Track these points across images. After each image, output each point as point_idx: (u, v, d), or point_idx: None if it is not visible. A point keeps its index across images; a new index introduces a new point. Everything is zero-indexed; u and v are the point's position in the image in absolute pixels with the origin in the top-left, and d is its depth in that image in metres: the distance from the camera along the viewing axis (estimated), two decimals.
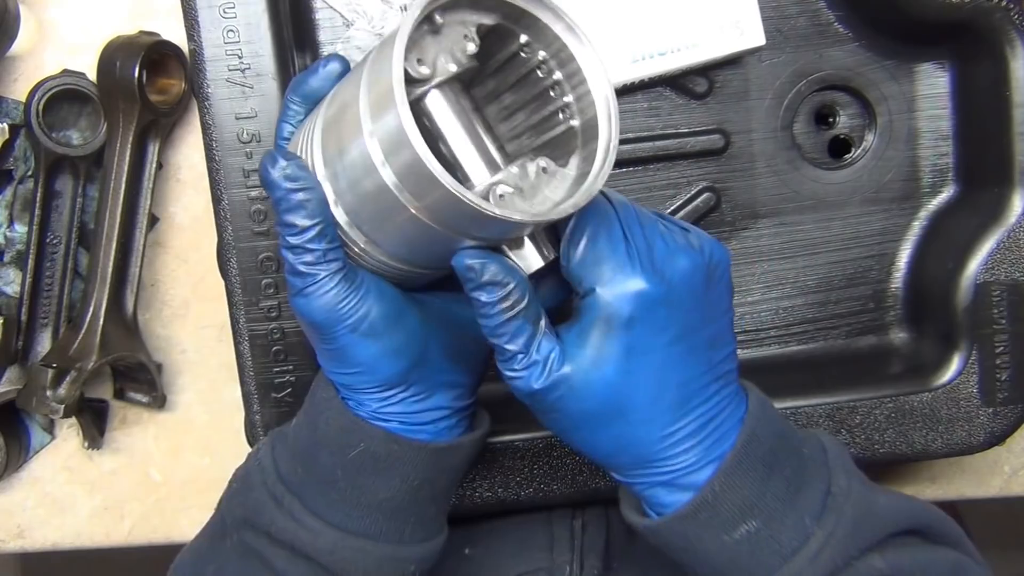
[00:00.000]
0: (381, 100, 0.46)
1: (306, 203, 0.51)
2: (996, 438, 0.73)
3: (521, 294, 0.51)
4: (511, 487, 0.72)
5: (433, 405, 0.56)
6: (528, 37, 0.52)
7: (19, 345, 0.80)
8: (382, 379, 0.54)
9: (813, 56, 0.76)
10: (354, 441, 0.54)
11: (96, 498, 0.85)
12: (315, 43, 0.75)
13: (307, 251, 0.51)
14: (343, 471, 0.55)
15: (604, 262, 0.51)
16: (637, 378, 0.51)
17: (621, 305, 0.50)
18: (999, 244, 0.71)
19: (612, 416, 0.52)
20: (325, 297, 0.52)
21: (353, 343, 0.53)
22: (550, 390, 0.51)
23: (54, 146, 0.76)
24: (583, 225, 0.51)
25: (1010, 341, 0.72)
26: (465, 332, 0.57)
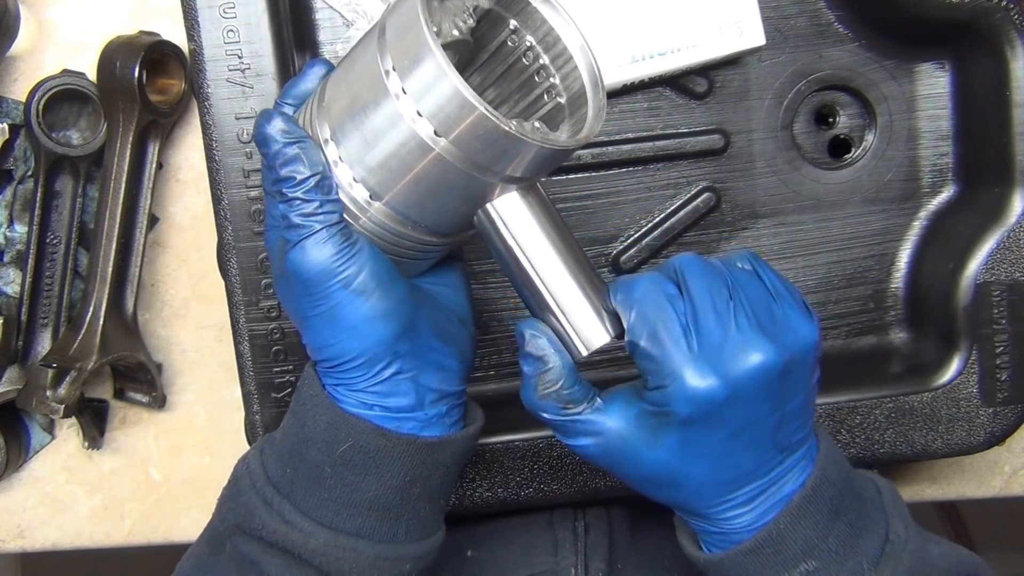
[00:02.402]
0: (406, 40, 0.47)
1: (303, 154, 0.51)
2: (996, 438, 0.73)
3: (558, 377, 0.52)
4: (511, 487, 0.72)
5: (422, 385, 0.55)
6: (517, 23, 0.54)
7: (19, 345, 0.80)
8: (371, 345, 0.53)
9: (813, 56, 0.76)
10: (342, 437, 0.54)
11: (96, 498, 0.85)
12: (315, 43, 0.75)
13: (305, 202, 0.51)
14: (332, 468, 0.54)
15: (666, 360, 0.50)
16: (691, 465, 0.52)
17: (679, 406, 0.50)
18: (999, 244, 0.72)
19: (664, 485, 0.54)
20: (320, 248, 0.51)
21: (345, 301, 0.52)
22: (601, 457, 0.54)
23: (54, 146, 0.76)
24: (645, 317, 0.50)
25: (1010, 341, 0.72)
26: (451, 314, 0.57)
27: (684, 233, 0.78)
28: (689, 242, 0.78)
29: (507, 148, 0.48)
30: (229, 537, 0.56)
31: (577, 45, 0.54)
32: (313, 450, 0.54)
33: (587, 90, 0.53)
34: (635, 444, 0.52)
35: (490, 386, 0.78)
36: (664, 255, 0.78)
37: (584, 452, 0.54)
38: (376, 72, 0.49)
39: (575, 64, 0.54)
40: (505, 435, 0.71)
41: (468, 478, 0.71)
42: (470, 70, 0.57)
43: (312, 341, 0.55)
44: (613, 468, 0.54)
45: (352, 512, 0.54)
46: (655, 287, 0.51)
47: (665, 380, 0.50)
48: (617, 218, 0.77)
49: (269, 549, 0.54)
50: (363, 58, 0.50)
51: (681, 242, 0.78)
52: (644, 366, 0.51)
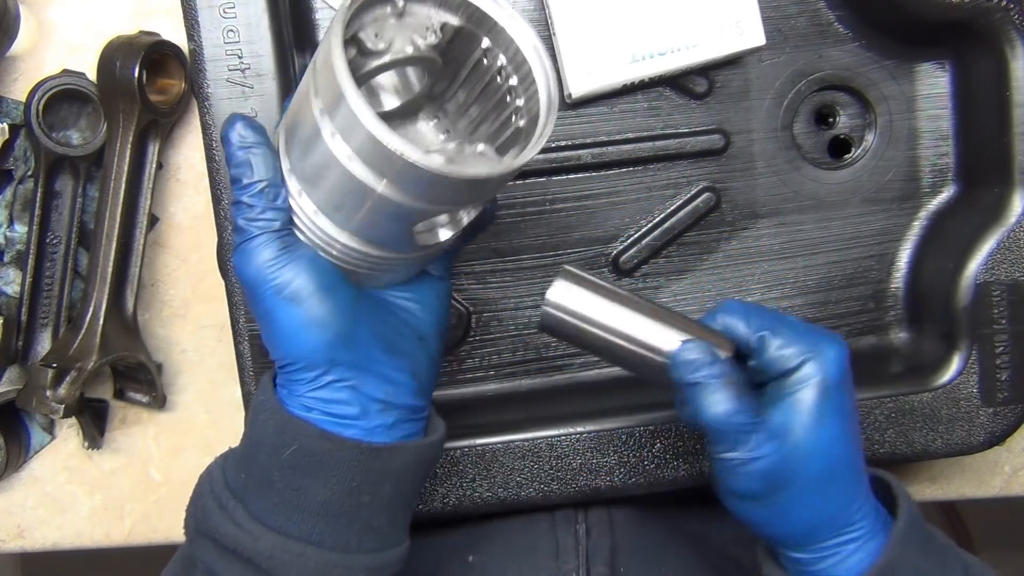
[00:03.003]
0: (328, 79, 0.48)
1: (253, 160, 0.53)
2: (996, 438, 0.73)
3: (740, 378, 0.55)
4: (511, 487, 0.72)
5: (364, 394, 0.55)
6: (490, 42, 0.54)
7: (19, 345, 0.80)
8: (305, 351, 0.54)
9: (813, 56, 0.76)
10: (288, 440, 0.54)
11: (96, 498, 0.85)
12: (315, 43, 0.75)
13: (248, 207, 0.53)
14: (280, 472, 0.54)
15: (801, 339, 0.55)
16: (848, 437, 0.56)
17: (832, 368, 0.55)
18: (999, 244, 0.72)
19: (832, 478, 0.55)
20: (257, 253, 0.53)
21: (278, 306, 0.53)
22: (786, 461, 0.54)
23: (54, 146, 0.76)
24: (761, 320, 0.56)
25: (1010, 341, 0.72)
26: (406, 329, 0.58)
27: (684, 233, 0.78)
28: (689, 242, 0.78)
29: (434, 182, 0.48)
30: (190, 541, 0.57)
31: (540, 68, 0.53)
32: (262, 454, 0.55)
33: (540, 116, 0.53)
34: (807, 430, 0.54)
35: (490, 386, 0.78)
36: (664, 255, 0.78)
37: (757, 470, 0.54)
38: (311, 111, 0.50)
39: (536, 90, 0.53)
40: (505, 435, 0.71)
41: (468, 478, 0.71)
42: (453, 87, 0.58)
43: (263, 338, 0.56)
44: (785, 478, 0.54)
45: (301, 517, 0.54)
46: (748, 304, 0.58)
47: (805, 355, 0.55)
48: (617, 218, 0.77)
49: (223, 553, 0.55)
50: (303, 91, 0.51)
51: (681, 242, 0.78)
52: (779, 353, 0.55)
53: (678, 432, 0.72)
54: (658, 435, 0.72)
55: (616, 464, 0.72)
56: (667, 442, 0.72)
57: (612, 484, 0.72)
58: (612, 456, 0.72)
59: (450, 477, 0.71)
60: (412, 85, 0.58)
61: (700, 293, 0.79)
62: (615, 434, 0.72)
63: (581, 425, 0.72)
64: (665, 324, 0.56)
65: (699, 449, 0.72)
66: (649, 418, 0.72)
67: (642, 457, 0.72)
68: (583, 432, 0.72)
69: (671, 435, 0.72)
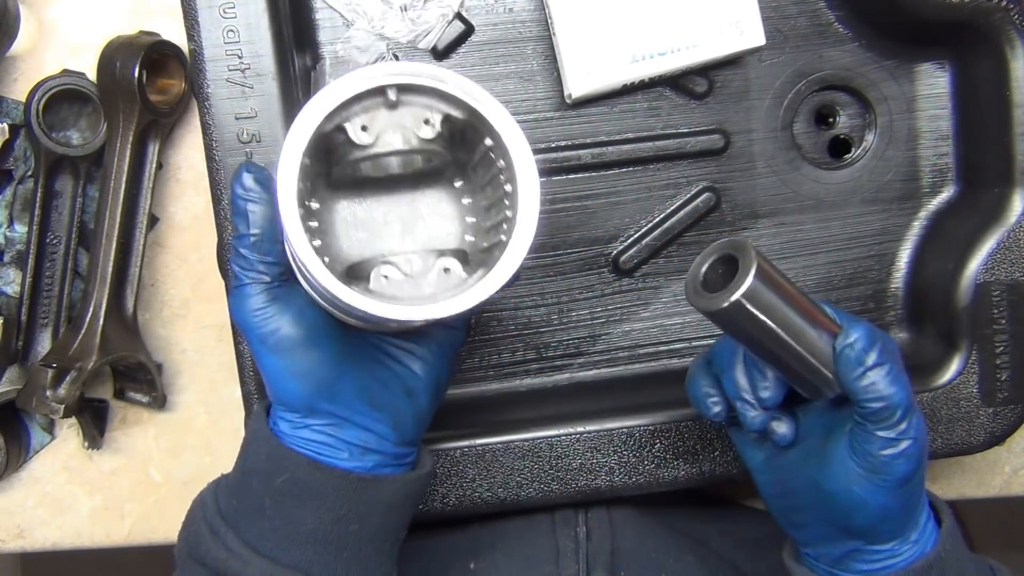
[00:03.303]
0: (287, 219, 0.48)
1: (250, 213, 0.53)
2: (996, 438, 0.73)
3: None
4: (511, 487, 0.72)
5: (346, 439, 0.56)
6: (492, 142, 0.51)
7: (19, 345, 0.80)
8: (286, 397, 0.55)
9: (813, 56, 0.76)
10: (280, 469, 0.56)
11: (96, 498, 0.85)
12: (315, 43, 0.75)
13: (242, 256, 0.54)
14: (271, 499, 0.56)
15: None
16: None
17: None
18: (999, 244, 0.71)
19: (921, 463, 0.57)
20: (245, 301, 0.54)
21: (261, 353, 0.55)
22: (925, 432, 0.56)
23: (54, 146, 0.76)
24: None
25: (1010, 341, 0.72)
26: (394, 384, 0.58)
27: (684, 233, 0.78)
28: (689, 242, 0.78)
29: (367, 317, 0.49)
30: (182, 566, 0.58)
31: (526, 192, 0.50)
32: (255, 481, 0.56)
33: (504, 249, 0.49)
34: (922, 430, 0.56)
35: (490, 386, 0.78)
36: (664, 255, 0.78)
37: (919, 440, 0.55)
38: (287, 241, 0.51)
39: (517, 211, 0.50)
40: (505, 435, 0.71)
41: (468, 478, 0.71)
42: (467, 169, 0.54)
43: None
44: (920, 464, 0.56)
45: (290, 545, 0.55)
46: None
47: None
48: (617, 218, 0.77)
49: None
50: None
51: (681, 242, 0.78)
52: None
53: (678, 432, 0.72)
54: (658, 435, 0.72)
55: (616, 464, 0.72)
56: (667, 442, 0.72)
57: (612, 484, 0.72)
58: (612, 456, 0.72)
59: (450, 477, 0.71)
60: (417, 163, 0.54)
61: None
62: (615, 434, 0.72)
63: (581, 425, 0.72)
64: (823, 315, 0.55)
65: (699, 449, 0.72)
66: (649, 418, 0.72)
67: (642, 457, 0.72)
68: (583, 432, 0.72)
69: (671, 435, 0.72)
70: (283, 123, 0.68)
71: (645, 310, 0.79)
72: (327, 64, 0.74)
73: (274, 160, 0.57)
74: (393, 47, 0.74)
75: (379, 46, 0.74)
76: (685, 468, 0.72)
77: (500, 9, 0.75)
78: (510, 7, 0.75)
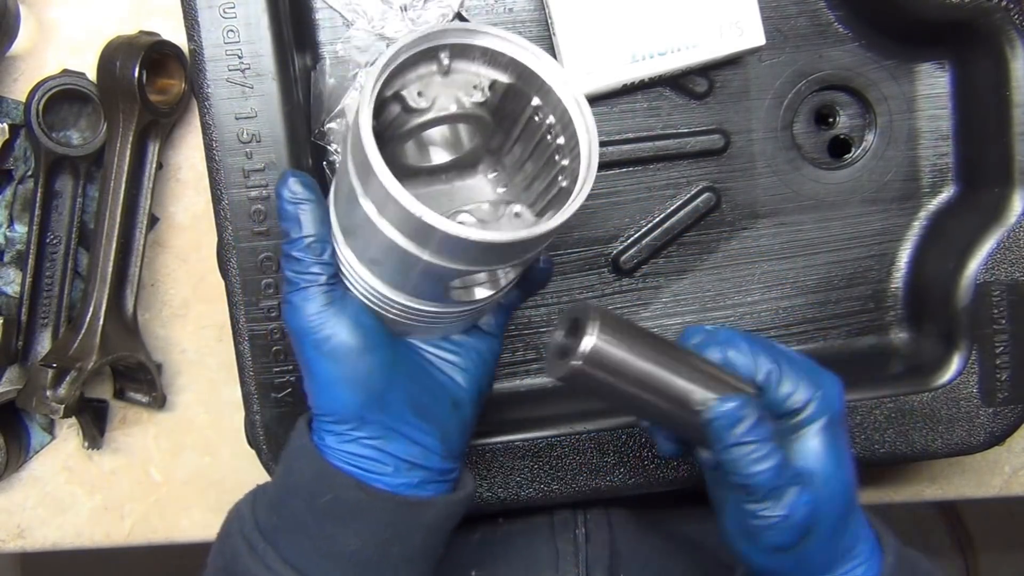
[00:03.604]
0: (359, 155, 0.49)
1: (301, 215, 0.54)
2: (996, 438, 0.73)
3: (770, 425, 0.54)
4: (511, 487, 0.72)
5: (390, 454, 0.56)
6: (539, 100, 0.54)
7: (19, 345, 0.80)
8: (336, 407, 0.55)
9: (813, 56, 0.76)
10: (324, 488, 0.55)
11: (96, 498, 0.85)
12: (315, 43, 0.75)
13: (296, 260, 0.54)
14: (314, 518, 0.55)
15: (804, 376, 0.55)
16: (853, 468, 0.55)
17: (836, 402, 0.55)
18: (999, 244, 0.71)
19: (849, 511, 0.55)
20: (302, 305, 0.54)
21: (314, 359, 0.54)
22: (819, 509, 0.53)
23: (54, 146, 0.76)
24: (766, 356, 0.54)
25: (1010, 341, 0.72)
26: (442, 394, 0.58)
27: (684, 233, 0.78)
28: (689, 242, 0.78)
29: (456, 246, 0.48)
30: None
31: (583, 127, 0.52)
32: (298, 499, 0.56)
33: (579, 177, 0.52)
34: (827, 472, 0.54)
35: None
36: (664, 255, 0.78)
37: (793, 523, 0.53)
38: (346, 163, 0.50)
39: (579, 153, 0.53)
40: (505, 435, 0.71)
41: None
42: (509, 143, 0.57)
43: (303, 385, 0.57)
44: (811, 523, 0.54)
45: (331, 564, 0.55)
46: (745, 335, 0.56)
47: (814, 388, 0.54)
48: (617, 218, 0.77)
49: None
50: (343, 166, 0.52)
51: (681, 242, 0.78)
52: (787, 392, 0.54)
53: None
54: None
55: (616, 464, 0.72)
56: None
57: (612, 484, 0.72)
58: (612, 456, 0.72)
59: None
60: (463, 140, 0.58)
61: (700, 293, 0.79)
62: (615, 434, 0.72)
63: (581, 425, 0.72)
64: (694, 374, 0.52)
65: None
66: None
67: (642, 457, 0.72)
68: (583, 432, 0.72)
69: None
70: (283, 123, 0.68)
71: (645, 310, 0.79)
72: (327, 64, 0.74)
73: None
74: None
75: (379, 46, 0.74)
76: (685, 468, 0.72)
77: (500, 9, 0.75)
78: (510, 7, 0.75)
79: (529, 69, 0.53)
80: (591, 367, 0.50)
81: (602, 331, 0.50)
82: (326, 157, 0.75)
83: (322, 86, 0.73)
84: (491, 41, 0.52)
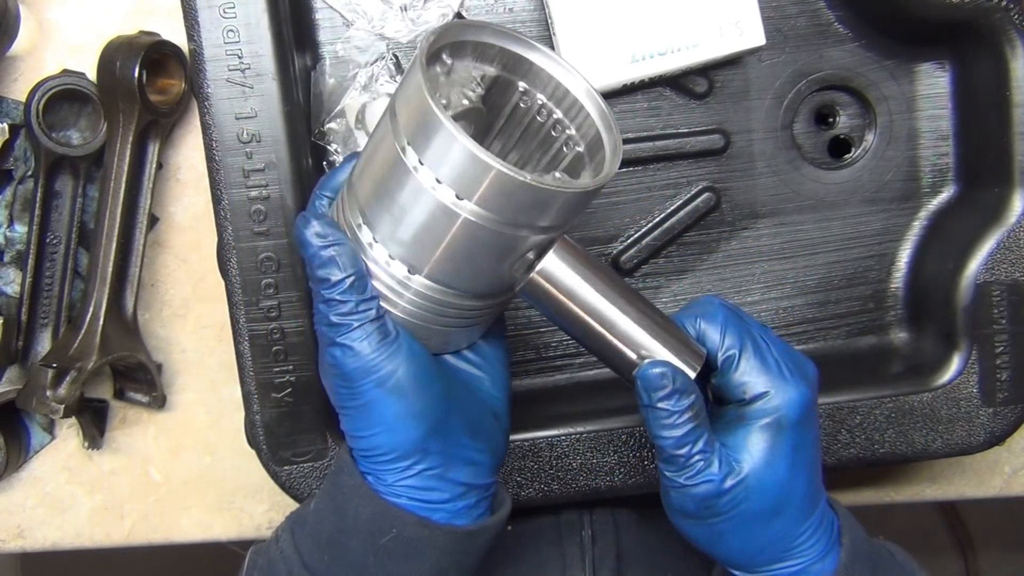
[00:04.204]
0: (415, 114, 0.48)
1: (337, 257, 0.52)
2: (996, 438, 0.73)
3: (701, 402, 0.54)
4: (512, 487, 0.72)
5: (451, 480, 0.55)
6: (526, 84, 0.55)
7: (19, 345, 0.80)
8: (400, 442, 0.53)
9: (813, 56, 0.76)
10: (386, 527, 0.54)
11: (96, 498, 0.85)
12: (315, 43, 0.75)
13: (341, 303, 0.52)
14: (375, 558, 0.54)
15: (766, 372, 0.54)
16: (799, 473, 0.55)
17: (791, 409, 0.54)
18: (999, 244, 0.71)
19: (775, 513, 0.55)
20: (358, 346, 0.52)
21: (378, 399, 0.53)
22: (727, 492, 0.53)
23: (54, 146, 0.76)
24: (734, 338, 0.55)
25: (1010, 341, 0.72)
26: (486, 409, 0.58)
27: (684, 233, 0.78)
28: (689, 242, 0.78)
29: (527, 199, 0.48)
30: None
31: (584, 92, 0.55)
32: (355, 540, 0.55)
33: (602, 133, 0.54)
34: (758, 467, 0.54)
35: None
36: (664, 255, 0.78)
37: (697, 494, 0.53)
38: (393, 151, 0.50)
39: (587, 112, 0.55)
40: None
41: None
42: (489, 137, 0.58)
43: (348, 428, 0.55)
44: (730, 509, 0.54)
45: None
46: (730, 311, 0.56)
47: (770, 387, 0.54)
48: (617, 218, 0.77)
49: None
50: (380, 140, 0.51)
51: (681, 242, 0.78)
52: (740, 380, 0.54)
53: None
54: None
55: (616, 464, 0.72)
56: None
57: (612, 484, 0.72)
58: (612, 456, 0.72)
59: None
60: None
61: (700, 293, 0.79)
62: (615, 434, 0.72)
63: (581, 425, 0.72)
64: (649, 324, 0.54)
65: None
66: None
67: (642, 457, 0.72)
68: (583, 432, 0.72)
69: None
70: (283, 123, 0.68)
71: None
72: (327, 64, 0.74)
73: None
74: (393, 47, 0.74)
75: (379, 46, 0.74)
76: None
77: (500, 9, 0.75)
78: (510, 7, 0.75)
79: (516, 54, 0.54)
80: (547, 283, 0.53)
81: (560, 253, 0.53)
82: (326, 157, 0.75)
83: (322, 86, 0.73)
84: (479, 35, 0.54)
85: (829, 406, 0.72)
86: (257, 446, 0.71)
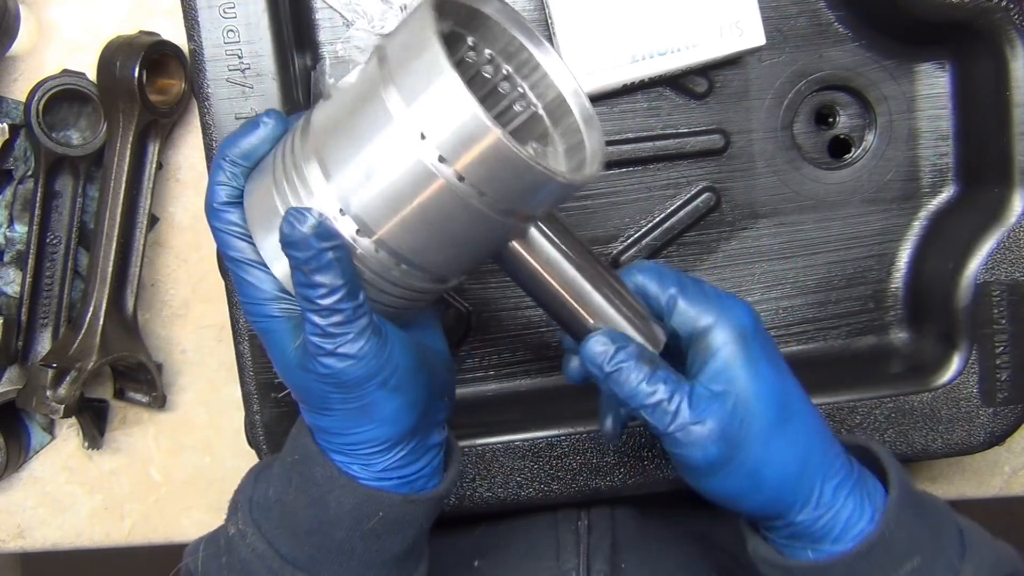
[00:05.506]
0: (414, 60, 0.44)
1: (338, 260, 0.48)
2: (996, 438, 0.73)
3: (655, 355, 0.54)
4: (511, 487, 0.72)
5: (429, 447, 0.55)
6: (475, 38, 0.52)
7: (19, 345, 0.80)
8: (396, 432, 0.53)
9: (813, 56, 0.76)
10: (372, 512, 0.54)
11: (96, 498, 0.85)
12: (315, 43, 0.75)
13: (337, 311, 0.48)
14: (362, 541, 0.54)
15: (707, 300, 0.55)
16: (785, 376, 0.55)
17: (745, 320, 0.55)
18: (999, 244, 0.71)
19: (785, 420, 0.54)
20: (358, 352, 0.49)
21: (380, 398, 0.51)
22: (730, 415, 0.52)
23: (54, 146, 0.76)
24: (671, 280, 0.56)
25: (1010, 341, 0.72)
26: (440, 360, 0.57)
27: (684, 233, 0.78)
28: (689, 242, 0.78)
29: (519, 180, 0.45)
30: None
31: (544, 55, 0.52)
32: (340, 530, 0.54)
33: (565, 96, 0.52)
34: (743, 383, 0.53)
35: (490, 386, 0.78)
36: (664, 255, 0.78)
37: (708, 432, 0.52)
38: (376, 95, 0.45)
39: (543, 71, 0.52)
40: (505, 435, 0.71)
41: (468, 478, 0.71)
42: None
43: (331, 426, 0.53)
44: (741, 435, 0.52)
45: (376, 571, 0.55)
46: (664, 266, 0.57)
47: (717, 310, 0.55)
48: (617, 218, 0.77)
49: None
50: (360, 84, 0.47)
51: (681, 242, 0.78)
52: (688, 312, 0.55)
53: None
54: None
55: (616, 464, 0.72)
56: None
57: (612, 484, 0.72)
58: (612, 456, 0.72)
59: None
60: None
61: None
62: None
63: (581, 425, 0.72)
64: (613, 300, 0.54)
65: None
66: None
67: (642, 457, 0.72)
68: (583, 432, 0.72)
69: None
70: None
71: None
72: (327, 64, 0.74)
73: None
74: None
75: None
76: None
77: None
78: None
79: (468, 7, 0.50)
80: (528, 251, 0.53)
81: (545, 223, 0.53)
82: None
83: (322, 86, 0.73)
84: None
85: (829, 406, 0.72)
86: (257, 446, 0.71)
